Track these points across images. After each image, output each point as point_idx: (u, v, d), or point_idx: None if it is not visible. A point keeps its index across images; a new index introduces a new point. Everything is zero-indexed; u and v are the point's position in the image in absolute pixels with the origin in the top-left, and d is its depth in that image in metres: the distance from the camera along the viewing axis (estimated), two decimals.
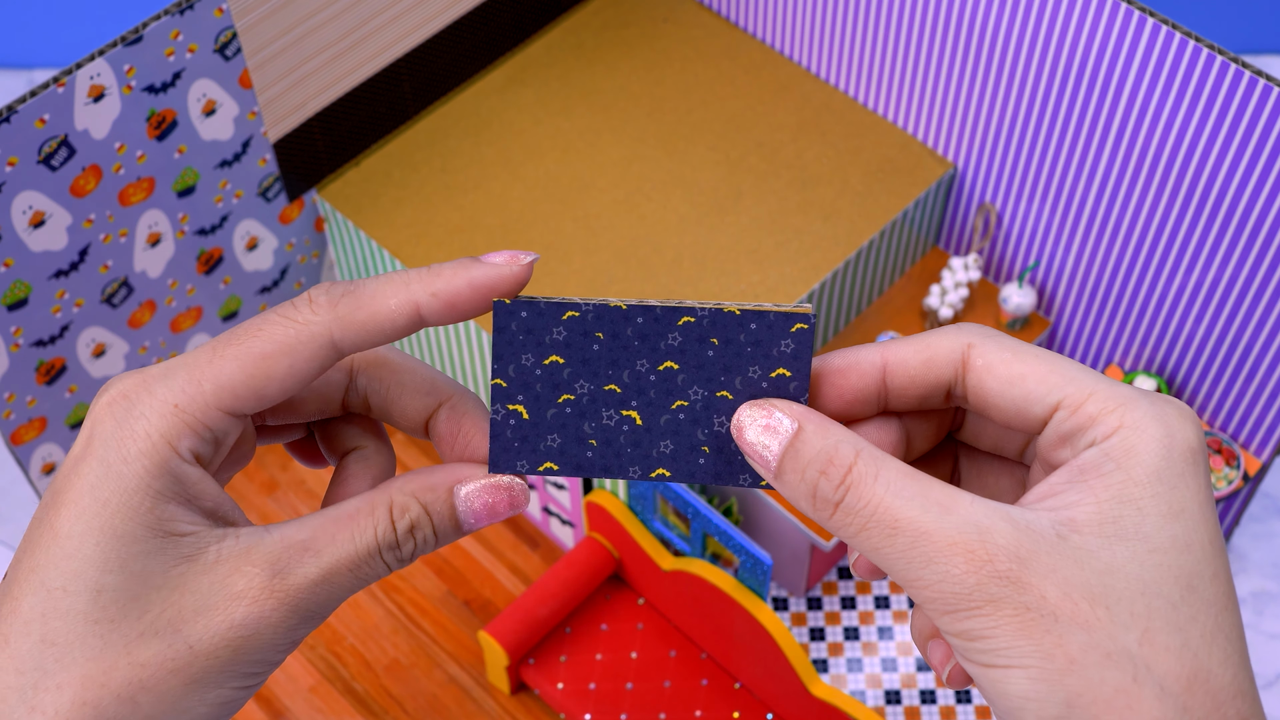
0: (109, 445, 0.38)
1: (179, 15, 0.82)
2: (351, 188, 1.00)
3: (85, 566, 0.38)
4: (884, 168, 1.01)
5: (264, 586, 0.39)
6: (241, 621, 0.38)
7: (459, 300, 0.40)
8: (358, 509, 0.40)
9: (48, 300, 0.87)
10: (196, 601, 0.38)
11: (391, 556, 0.41)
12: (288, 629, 0.39)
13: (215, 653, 0.38)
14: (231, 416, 0.40)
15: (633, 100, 1.05)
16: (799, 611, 1.01)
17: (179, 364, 0.40)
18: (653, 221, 0.98)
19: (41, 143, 0.80)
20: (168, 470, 0.38)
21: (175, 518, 0.39)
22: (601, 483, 0.94)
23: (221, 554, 0.39)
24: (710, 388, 0.42)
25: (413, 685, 0.97)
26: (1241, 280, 0.90)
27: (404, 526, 0.40)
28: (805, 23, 1.03)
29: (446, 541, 0.42)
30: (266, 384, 0.39)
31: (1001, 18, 0.90)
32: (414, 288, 0.40)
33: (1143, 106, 0.87)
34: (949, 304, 1.02)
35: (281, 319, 0.40)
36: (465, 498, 0.41)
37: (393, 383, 0.43)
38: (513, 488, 0.42)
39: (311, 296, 0.40)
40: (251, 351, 0.39)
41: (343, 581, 0.40)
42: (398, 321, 0.40)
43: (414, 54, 0.99)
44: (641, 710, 0.92)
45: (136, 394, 0.39)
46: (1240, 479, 0.97)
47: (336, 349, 0.40)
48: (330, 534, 0.40)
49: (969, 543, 0.36)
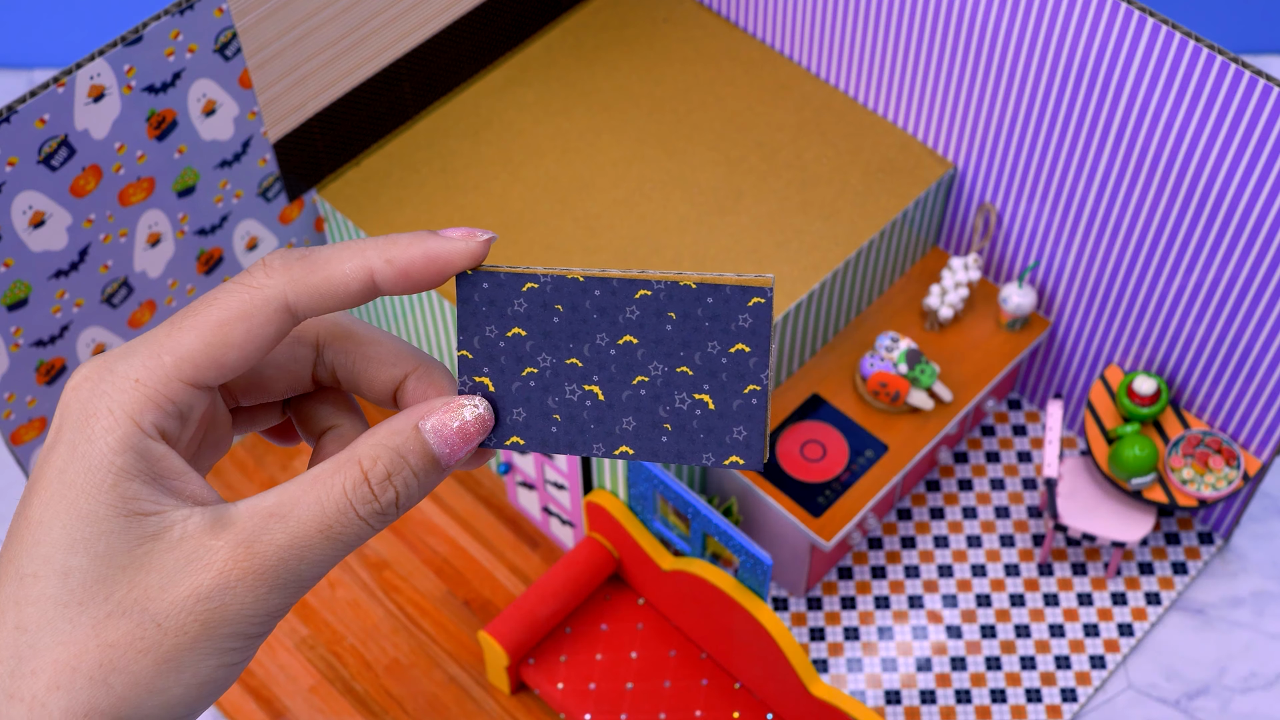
0: (74, 427, 0.38)
1: (179, 15, 0.82)
2: (351, 188, 1.00)
3: (53, 550, 0.37)
4: (884, 168, 1.01)
5: (229, 557, 0.38)
6: (208, 594, 0.38)
7: (413, 269, 0.40)
8: (324, 469, 0.40)
9: (48, 300, 0.86)
10: (162, 579, 0.38)
11: (368, 510, 0.40)
12: (257, 599, 0.38)
13: (184, 628, 0.37)
14: (194, 388, 0.39)
15: (633, 100, 1.05)
16: (799, 611, 1.01)
17: (139, 341, 0.39)
18: (653, 221, 0.98)
19: (41, 143, 0.80)
20: (131, 446, 0.38)
21: (139, 495, 0.38)
22: (601, 482, 0.94)
23: (188, 530, 0.38)
24: (670, 363, 0.41)
25: (413, 685, 0.97)
26: (1241, 280, 0.90)
27: (378, 475, 0.40)
28: (805, 23, 1.03)
29: (430, 482, 0.41)
30: (225, 351, 0.39)
31: (1001, 18, 0.90)
32: (369, 254, 0.40)
33: (1143, 106, 0.87)
34: (949, 304, 1.02)
35: (236, 285, 0.40)
36: (433, 428, 0.40)
37: (359, 355, 0.43)
38: (477, 405, 0.41)
39: (266, 261, 0.40)
40: (209, 320, 0.39)
41: (314, 544, 0.39)
42: (351, 286, 0.40)
43: (414, 54, 0.99)
44: (641, 710, 0.92)
45: (99, 374, 0.39)
46: (1240, 479, 0.96)
47: (291, 312, 0.40)
48: (296, 498, 0.39)
49: None
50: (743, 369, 0.41)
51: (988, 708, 0.97)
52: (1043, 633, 1.01)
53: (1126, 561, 1.04)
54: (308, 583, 0.39)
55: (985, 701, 0.98)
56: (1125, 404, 0.98)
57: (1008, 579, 1.03)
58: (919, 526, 1.05)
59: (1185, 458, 0.98)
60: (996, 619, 1.01)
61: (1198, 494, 0.96)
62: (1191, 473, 0.97)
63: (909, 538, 1.05)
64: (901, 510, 1.06)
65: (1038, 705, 0.97)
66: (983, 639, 1.00)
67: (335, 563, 0.40)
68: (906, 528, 1.05)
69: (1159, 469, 0.98)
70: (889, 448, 0.98)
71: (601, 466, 0.92)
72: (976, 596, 1.02)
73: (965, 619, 1.01)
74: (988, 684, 0.98)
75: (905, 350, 0.99)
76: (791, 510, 0.94)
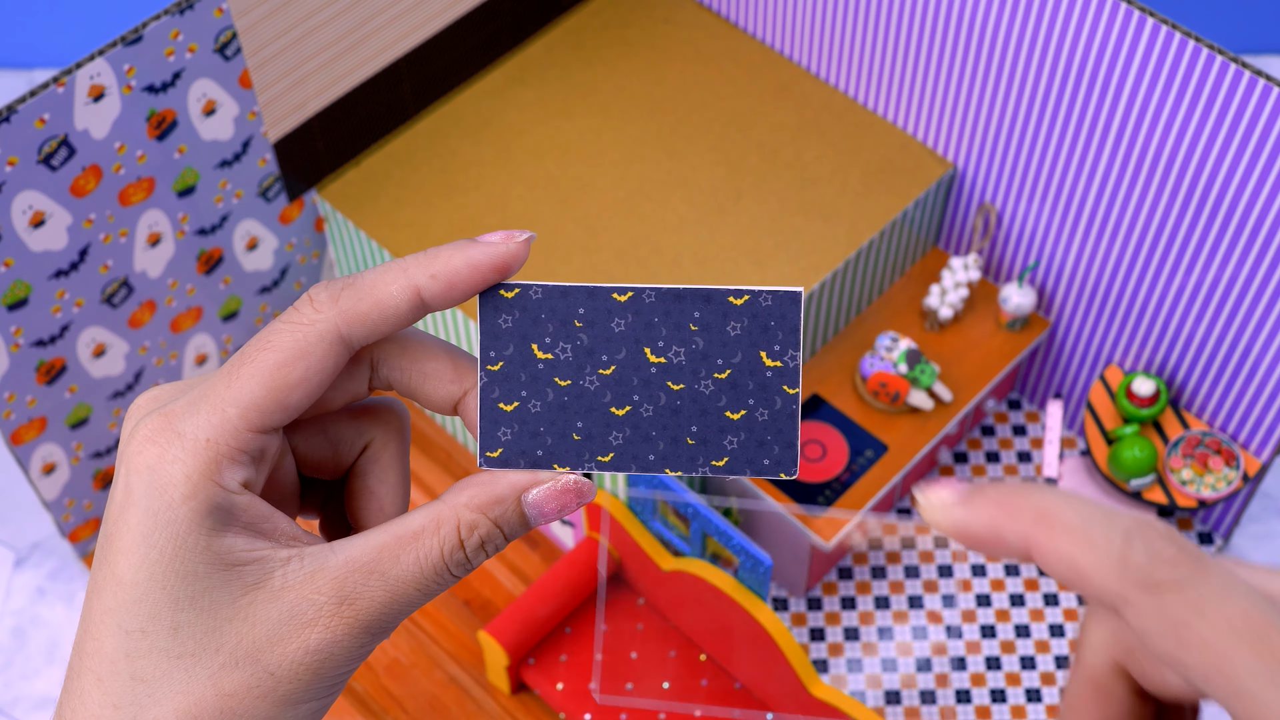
0: (151, 494, 0.39)
1: (179, 15, 0.82)
2: (351, 188, 1.00)
3: (159, 608, 0.39)
4: (884, 168, 1.01)
5: (334, 613, 0.39)
6: (316, 648, 0.39)
7: (458, 280, 0.40)
8: (422, 527, 0.40)
9: (48, 300, 0.86)
10: (270, 632, 0.39)
11: (460, 570, 0.41)
12: (360, 646, 0.40)
13: (297, 676, 0.39)
14: (263, 434, 0.40)
15: (633, 100, 1.05)
16: (799, 611, 1.01)
17: (199, 397, 0.40)
18: (653, 222, 0.98)
19: (41, 143, 0.80)
20: (216, 506, 0.39)
21: (235, 548, 0.39)
22: (601, 482, 0.94)
23: (288, 580, 0.39)
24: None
25: (413, 685, 0.97)
26: (1241, 280, 0.90)
27: (474, 544, 0.41)
28: (805, 23, 1.03)
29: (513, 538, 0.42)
30: (287, 393, 0.40)
31: (1001, 18, 0.90)
32: (412, 272, 0.40)
33: (1143, 106, 0.87)
34: (949, 304, 1.02)
35: (287, 325, 0.40)
36: (534, 504, 0.41)
37: (414, 371, 0.43)
38: (580, 486, 0.41)
39: (312, 296, 0.40)
40: (266, 364, 0.39)
41: (410, 599, 0.40)
42: (401, 308, 0.40)
43: (414, 54, 0.99)
44: (642, 710, 0.92)
45: (165, 438, 0.39)
46: (1240, 479, 0.96)
47: (346, 344, 0.40)
48: (394, 555, 0.40)
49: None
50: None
51: (988, 708, 0.97)
52: (1043, 633, 1.01)
53: None
54: (397, 625, 0.41)
55: (985, 701, 0.98)
56: (1124, 405, 0.98)
57: (1008, 579, 1.03)
58: (919, 527, 1.05)
59: (1185, 458, 0.98)
60: (996, 619, 1.01)
61: (1197, 495, 0.96)
62: (1191, 473, 0.97)
63: (909, 538, 1.05)
64: (901, 510, 1.06)
65: (1038, 705, 0.97)
66: (983, 639, 1.00)
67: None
68: (906, 528, 1.05)
69: (1158, 470, 0.98)
70: (889, 448, 0.98)
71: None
72: (976, 596, 1.02)
73: (965, 619, 1.01)
74: (988, 684, 0.98)
75: (905, 350, 0.99)
76: (791, 510, 0.94)
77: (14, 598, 1.03)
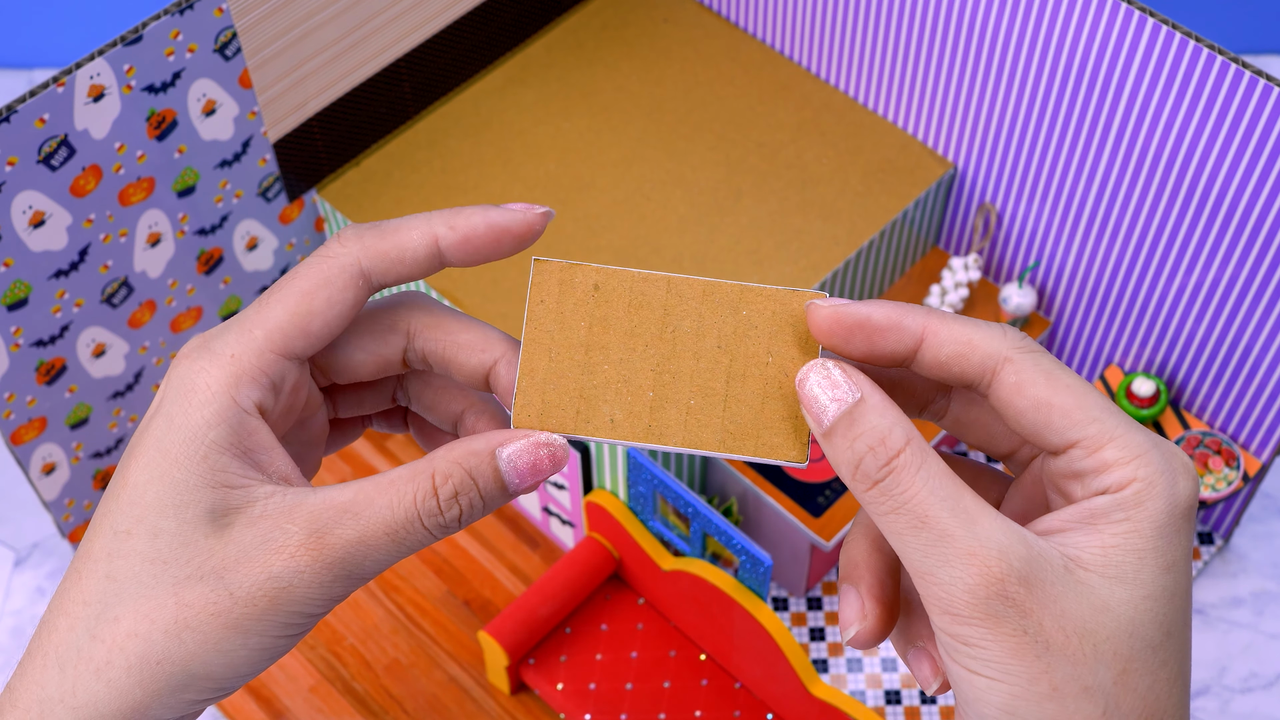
0: (174, 400, 0.41)
1: (179, 15, 0.82)
2: (351, 188, 1.00)
3: (146, 511, 0.41)
4: (884, 168, 1.01)
5: (301, 543, 0.41)
6: (278, 574, 0.41)
7: (474, 236, 0.43)
8: (400, 475, 0.42)
9: (48, 300, 0.86)
10: (239, 552, 0.41)
11: (433, 523, 0.42)
12: (322, 585, 0.41)
13: (253, 600, 0.41)
14: (285, 359, 0.42)
15: (633, 100, 1.05)
16: (799, 611, 1.01)
17: (233, 320, 0.43)
18: (653, 221, 0.98)
19: (41, 142, 0.80)
20: (225, 420, 0.41)
21: (228, 469, 0.41)
22: (601, 482, 0.94)
23: (267, 509, 0.41)
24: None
25: (413, 685, 0.97)
26: (1241, 280, 0.90)
27: (447, 493, 0.42)
28: (805, 23, 1.03)
29: (494, 505, 0.43)
30: (310, 319, 0.42)
31: (1001, 18, 0.90)
32: (435, 221, 0.43)
33: (1143, 106, 0.87)
34: (949, 304, 1.02)
35: (314, 257, 0.43)
36: (509, 458, 0.43)
37: (449, 342, 0.45)
38: (552, 444, 0.43)
39: (340, 233, 0.43)
40: (292, 292, 0.42)
41: (380, 545, 0.42)
42: (419, 252, 0.43)
43: (414, 54, 0.99)
44: (641, 710, 0.92)
45: (198, 352, 0.42)
46: (1240, 479, 0.96)
47: (367, 278, 0.43)
48: (370, 498, 0.42)
49: (987, 557, 0.38)
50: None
51: None
52: None
53: None
54: (369, 576, 0.42)
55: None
56: (1124, 405, 0.98)
57: None
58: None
59: None
60: None
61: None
62: None
63: None
64: None
65: None
66: None
67: (396, 561, 0.43)
68: None
69: None
70: None
71: (601, 467, 0.92)
72: None
73: None
74: None
75: None
76: (791, 510, 0.94)
77: (14, 598, 1.03)
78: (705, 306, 0.43)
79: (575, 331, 0.43)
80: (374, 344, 0.45)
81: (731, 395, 0.43)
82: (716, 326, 0.43)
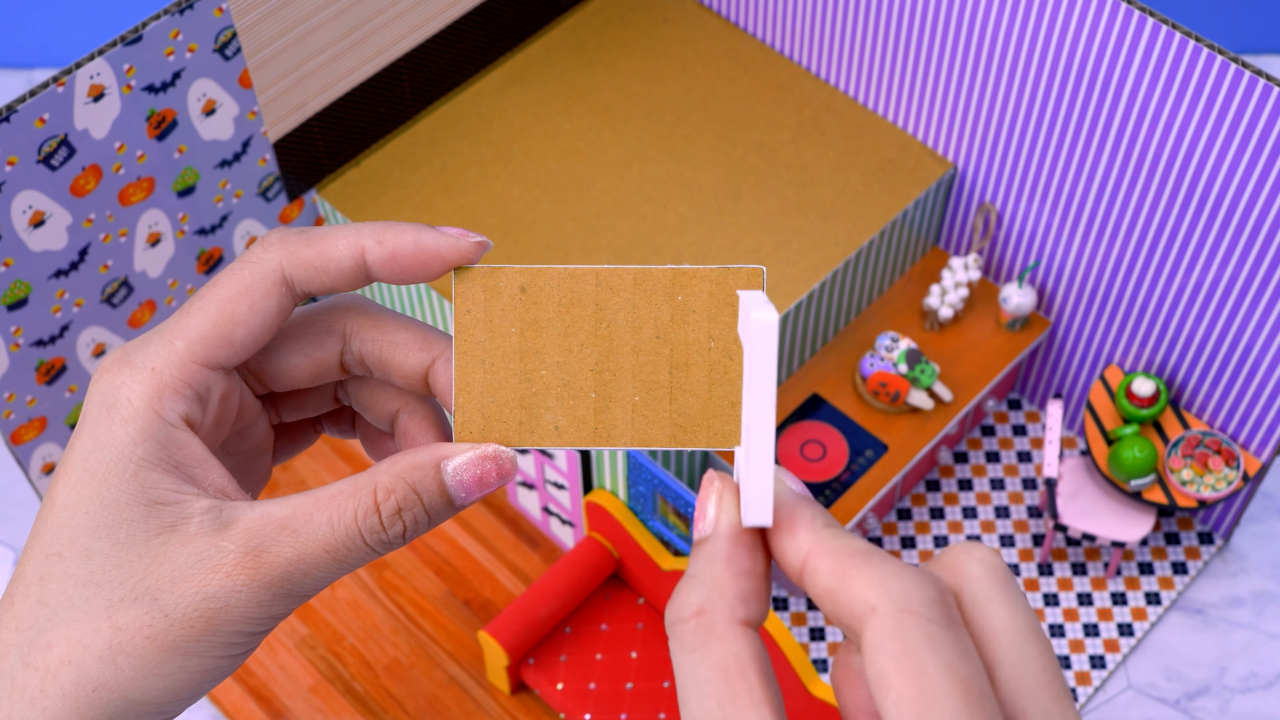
0: (98, 417, 0.40)
1: (179, 15, 0.82)
2: (351, 188, 1.00)
3: (77, 533, 0.39)
4: (884, 168, 1.01)
5: (237, 562, 0.39)
6: (214, 594, 0.39)
7: (401, 254, 0.41)
8: (341, 490, 0.40)
9: (48, 300, 0.87)
10: (173, 571, 0.39)
11: (375, 540, 0.40)
12: (261, 604, 0.39)
13: (190, 622, 0.39)
14: (208, 369, 0.41)
15: (633, 100, 1.05)
16: (799, 611, 1.01)
17: (154, 331, 0.41)
18: (653, 221, 0.98)
19: (41, 142, 0.80)
20: (151, 435, 0.39)
21: (159, 484, 0.39)
22: (601, 482, 0.94)
23: (202, 526, 0.39)
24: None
25: (413, 685, 0.97)
26: (1241, 280, 0.90)
27: (390, 508, 0.40)
28: (805, 23, 1.03)
29: (439, 520, 0.41)
30: (232, 328, 0.40)
31: (1001, 18, 0.90)
32: (363, 233, 0.41)
33: (1143, 106, 0.87)
34: (949, 304, 1.02)
35: (237, 264, 0.41)
36: (454, 472, 0.41)
37: (385, 342, 0.43)
38: (499, 456, 0.41)
39: (265, 238, 0.41)
40: (213, 300, 0.41)
41: (320, 563, 0.40)
42: (343, 263, 0.41)
43: (414, 54, 0.99)
44: (641, 710, 0.92)
45: (117, 367, 0.40)
46: (1240, 479, 0.96)
47: (289, 286, 0.41)
48: (309, 514, 0.40)
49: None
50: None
51: None
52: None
53: (1126, 561, 1.04)
54: (310, 593, 0.40)
55: None
56: (1124, 405, 0.98)
57: None
58: (919, 526, 1.05)
59: (1185, 458, 0.98)
60: None
61: (1197, 495, 0.96)
62: (1191, 473, 0.97)
63: (909, 537, 1.05)
64: (901, 510, 1.06)
65: None
66: None
67: (338, 578, 0.41)
68: (906, 528, 1.05)
69: (1158, 470, 0.98)
70: (889, 448, 0.98)
71: (601, 467, 0.92)
72: None
73: None
74: None
75: (905, 350, 0.99)
76: None
77: None
78: (638, 296, 0.41)
79: (507, 339, 0.42)
80: (309, 348, 0.43)
81: (677, 386, 0.42)
82: (652, 316, 0.41)
